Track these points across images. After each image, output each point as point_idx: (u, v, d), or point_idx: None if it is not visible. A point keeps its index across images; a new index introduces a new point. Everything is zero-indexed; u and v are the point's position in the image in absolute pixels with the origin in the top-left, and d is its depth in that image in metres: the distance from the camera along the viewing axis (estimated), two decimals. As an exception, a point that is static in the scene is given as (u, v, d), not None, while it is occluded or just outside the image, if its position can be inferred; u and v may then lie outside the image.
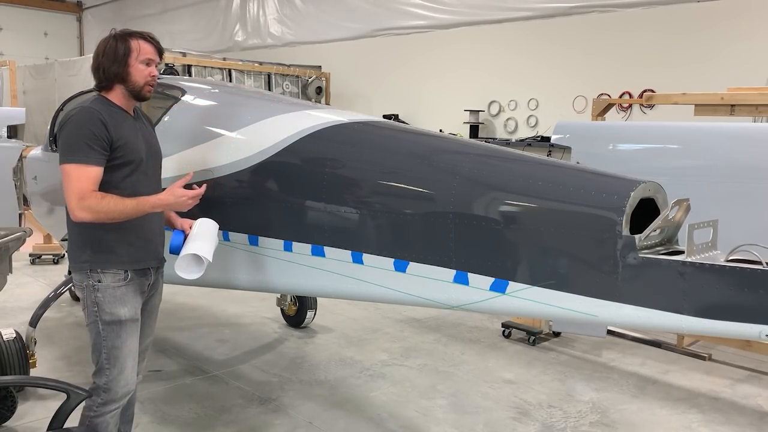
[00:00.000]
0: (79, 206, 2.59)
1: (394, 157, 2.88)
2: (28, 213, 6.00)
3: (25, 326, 4.30)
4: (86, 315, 2.80)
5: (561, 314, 2.44)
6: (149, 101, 5.65)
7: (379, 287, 2.85)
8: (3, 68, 9.97)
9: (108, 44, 2.78)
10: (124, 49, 2.74)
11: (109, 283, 2.75)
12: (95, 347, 2.80)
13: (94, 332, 2.78)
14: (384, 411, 4.19)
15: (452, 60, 10.03)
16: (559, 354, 5.29)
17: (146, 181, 2.84)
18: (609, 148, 4.65)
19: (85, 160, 2.61)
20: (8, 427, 3.81)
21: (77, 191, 2.59)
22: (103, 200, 2.61)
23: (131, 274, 2.80)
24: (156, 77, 2.84)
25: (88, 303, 2.77)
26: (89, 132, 2.62)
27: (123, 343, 2.78)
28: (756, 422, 4.17)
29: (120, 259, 2.77)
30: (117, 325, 2.76)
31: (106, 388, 2.79)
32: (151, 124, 3.07)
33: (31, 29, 17.66)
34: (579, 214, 2.36)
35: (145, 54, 2.77)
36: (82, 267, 2.78)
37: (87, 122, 2.64)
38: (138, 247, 2.81)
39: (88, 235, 2.74)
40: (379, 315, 6.22)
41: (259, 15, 13.32)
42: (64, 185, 2.64)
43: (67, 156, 2.63)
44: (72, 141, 2.63)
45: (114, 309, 2.76)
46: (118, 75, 2.75)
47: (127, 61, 2.74)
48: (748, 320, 2.08)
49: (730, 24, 7.28)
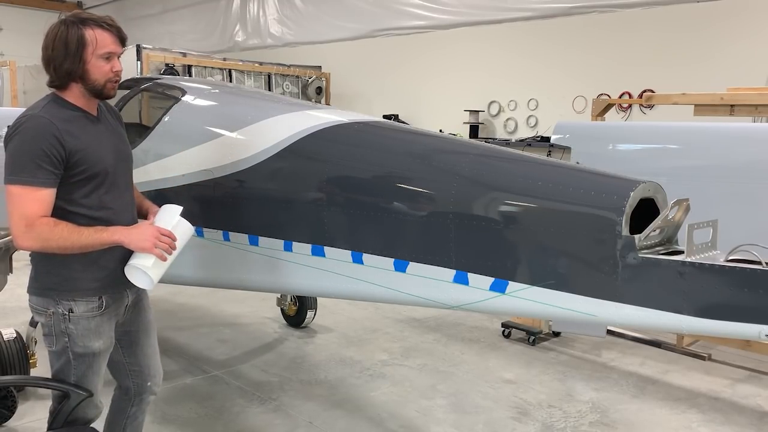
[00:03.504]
0: (26, 234, 2.26)
1: (394, 158, 2.88)
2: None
3: (25, 326, 4.30)
4: (52, 341, 2.50)
5: (561, 314, 2.44)
6: (149, 101, 5.65)
7: (379, 287, 2.85)
8: (3, 68, 9.97)
9: (58, 33, 2.34)
10: (78, 41, 2.31)
11: (81, 313, 2.45)
12: (62, 373, 2.54)
13: (63, 359, 2.51)
14: (384, 411, 4.19)
15: (452, 60, 10.04)
16: (559, 354, 5.29)
17: (116, 193, 2.50)
18: (609, 148, 4.65)
19: (32, 181, 2.25)
20: (8, 427, 3.81)
21: (23, 217, 2.25)
22: (55, 228, 2.27)
23: (106, 300, 2.51)
24: (120, 72, 2.42)
25: (55, 331, 2.47)
26: (37, 148, 2.25)
27: (94, 372, 2.56)
28: (756, 422, 4.17)
29: (92, 284, 2.46)
30: (90, 358, 2.52)
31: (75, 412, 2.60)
32: (120, 120, 2.71)
33: (31, 29, 17.57)
34: (579, 214, 2.36)
35: (104, 47, 2.35)
36: (46, 293, 2.45)
37: (36, 136, 2.26)
38: (111, 270, 2.49)
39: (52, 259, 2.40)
40: (379, 315, 6.22)
41: (259, 15, 13.31)
42: (8, 208, 2.28)
43: (11, 175, 2.26)
44: (17, 158, 2.26)
45: (87, 342, 2.48)
46: (72, 72, 2.34)
47: (81, 56, 2.32)
48: (748, 320, 2.07)
49: (729, 24, 7.28)
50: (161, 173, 3.62)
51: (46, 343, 2.57)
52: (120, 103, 4.33)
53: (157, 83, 4.26)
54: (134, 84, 4.55)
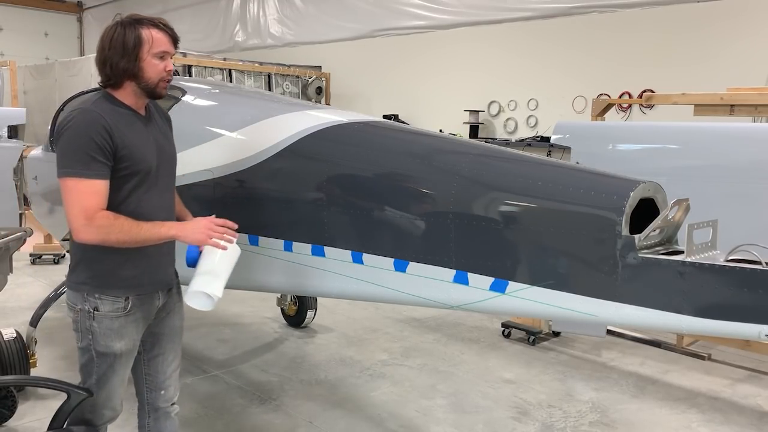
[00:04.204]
0: (86, 227, 2.28)
1: (394, 158, 2.88)
2: (28, 213, 6.00)
3: (25, 326, 4.30)
4: (78, 337, 2.54)
5: (561, 314, 2.44)
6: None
7: (379, 287, 2.85)
8: (3, 68, 9.97)
9: (115, 34, 2.39)
10: (135, 40, 2.37)
11: (106, 312, 2.47)
12: (85, 369, 2.58)
13: (86, 356, 2.55)
14: (384, 411, 4.19)
15: (452, 60, 10.04)
16: (559, 354, 5.29)
17: (156, 193, 2.51)
18: (609, 148, 4.65)
19: (87, 173, 2.30)
20: (8, 427, 3.81)
21: (82, 210, 2.28)
22: (116, 222, 2.31)
23: (133, 302, 2.51)
24: (171, 71, 2.48)
25: (81, 328, 2.51)
26: (89, 140, 2.29)
27: (115, 373, 2.57)
28: (756, 422, 4.18)
29: (121, 283, 2.47)
30: (111, 358, 2.53)
31: (91, 410, 2.62)
32: (168, 122, 2.75)
33: (31, 29, 17.65)
34: (578, 214, 2.36)
35: (159, 46, 2.41)
36: (79, 288, 2.50)
37: (87, 128, 2.31)
38: (143, 269, 2.51)
39: (89, 253, 2.45)
40: (379, 315, 6.22)
41: (260, 15, 13.32)
42: (64, 202, 2.33)
43: (65, 168, 2.33)
44: (71, 150, 2.32)
45: (109, 342, 2.50)
46: (128, 71, 2.39)
47: (138, 54, 2.38)
48: (748, 320, 2.08)
49: (729, 24, 7.28)
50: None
51: (75, 337, 2.59)
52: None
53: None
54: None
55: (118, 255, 2.42)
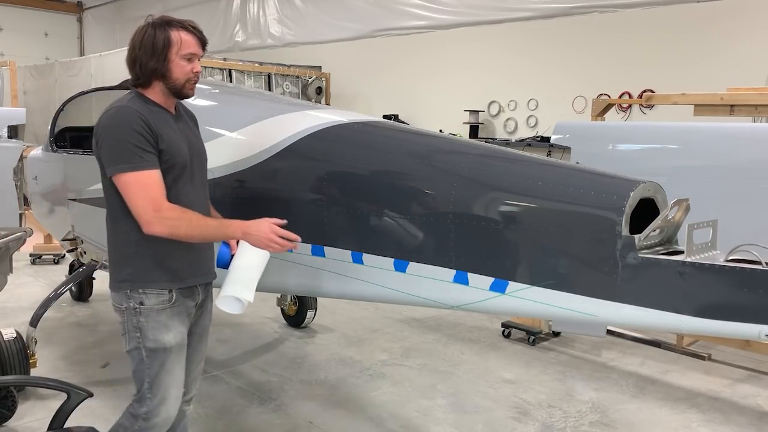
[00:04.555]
0: (156, 219, 2.31)
1: (394, 158, 2.88)
2: (28, 213, 6.00)
3: (25, 326, 4.31)
4: (126, 340, 2.54)
5: (561, 314, 2.44)
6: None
7: (379, 287, 2.85)
8: (3, 68, 9.97)
9: (145, 35, 2.45)
10: (164, 41, 2.43)
11: (152, 306, 2.47)
12: (137, 374, 2.56)
13: (137, 359, 2.52)
14: (384, 411, 4.19)
15: (452, 60, 10.04)
16: (559, 354, 5.30)
17: (192, 188, 2.56)
18: (609, 148, 4.65)
19: (144, 165, 2.33)
20: (8, 427, 3.81)
21: (150, 201, 2.31)
22: (184, 215, 2.35)
23: (176, 295, 2.52)
24: (199, 73, 2.55)
25: (128, 328, 2.50)
26: (135, 134, 2.35)
27: (167, 372, 2.54)
28: (756, 422, 4.18)
29: (163, 276, 2.49)
30: (162, 353, 2.51)
31: (146, 418, 2.55)
32: (195, 123, 2.81)
33: (31, 29, 17.65)
34: (578, 214, 2.36)
35: (187, 48, 2.46)
36: (120, 286, 2.50)
37: (130, 122, 2.36)
38: (185, 262, 2.53)
39: (128, 249, 2.47)
40: (379, 315, 6.22)
41: (259, 15, 13.31)
42: (127, 198, 2.35)
43: (120, 164, 2.33)
44: (120, 146, 2.34)
45: (158, 335, 2.49)
46: (156, 71, 2.45)
47: (166, 55, 2.43)
48: (748, 320, 2.08)
49: (729, 24, 7.28)
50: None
51: (122, 343, 2.57)
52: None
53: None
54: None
55: (159, 249, 2.45)
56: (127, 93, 2.56)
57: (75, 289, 6.37)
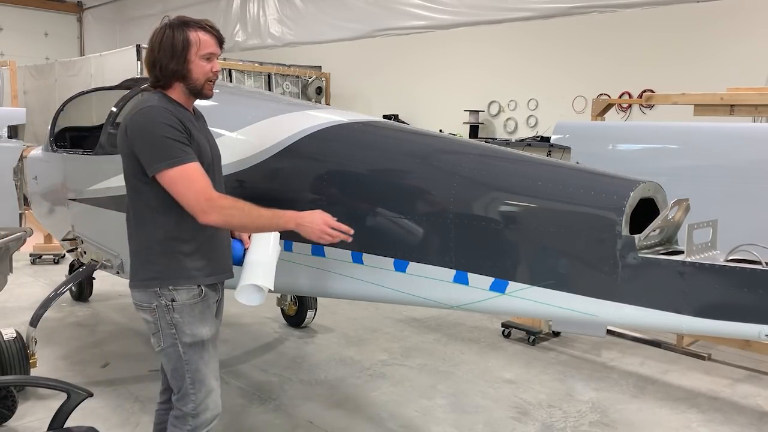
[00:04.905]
0: (211, 207, 2.33)
1: (395, 158, 2.88)
2: (28, 213, 6.00)
3: (25, 326, 4.30)
4: (160, 339, 2.52)
5: (561, 314, 2.44)
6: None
7: (379, 287, 2.85)
8: (3, 68, 9.97)
9: (164, 36, 2.46)
10: (183, 42, 2.44)
11: (184, 301, 2.48)
12: (176, 372, 2.55)
13: (174, 356, 2.52)
14: (384, 411, 4.19)
15: (452, 60, 10.04)
16: (559, 354, 5.29)
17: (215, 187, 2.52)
18: (609, 148, 4.65)
19: (187, 158, 2.35)
20: (8, 427, 3.81)
21: (201, 192, 2.34)
22: (237, 203, 2.37)
23: (205, 290, 2.54)
24: (217, 72, 2.56)
25: (162, 326, 2.49)
26: (172, 130, 2.37)
27: (207, 364, 2.56)
28: (756, 422, 4.18)
29: (192, 272, 2.50)
30: (200, 346, 2.53)
31: (195, 414, 2.56)
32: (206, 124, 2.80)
33: (31, 29, 17.66)
34: (579, 214, 2.36)
35: (206, 48, 2.48)
36: (148, 284, 2.49)
37: (164, 120, 2.38)
38: (210, 258, 2.55)
39: (156, 248, 2.48)
40: (379, 315, 6.22)
41: (259, 15, 13.32)
42: (176, 192, 2.36)
43: (164, 161, 2.34)
44: (161, 143, 2.35)
45: (195, 329, 2.51)
46: (177, 72, 2.46)
47: (186, 56, 2.45)
48: (748, 320, 2.08)
49: (729, 24, 7.29)
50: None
51: (154, 343, 2.56)
52: (120, 103, 4.34)
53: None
54: (134, 84, 4.55)
55: (186, 247, 2.48)
56: (149, 94, 2.56)
57: (75, 289, 6.37)
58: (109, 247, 4.31)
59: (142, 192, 2.47)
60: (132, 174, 2.48)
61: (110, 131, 4.30)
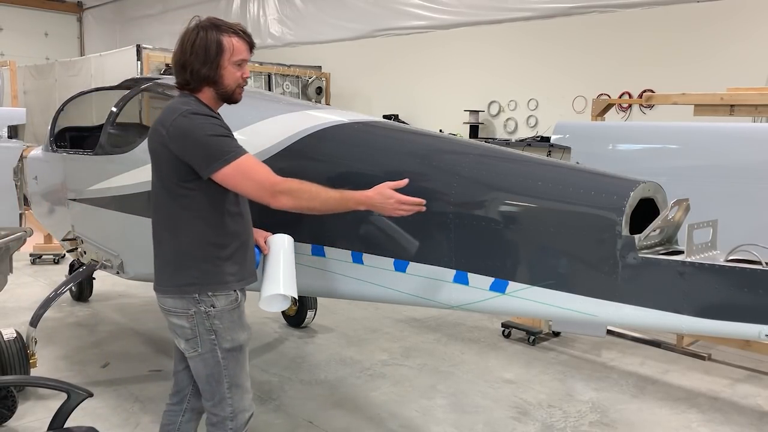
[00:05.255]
0: (280, 190, 2.32)
1: (395, 157, 2.88)
2: (28, 213, 6.00)
3: (25, 326, 4.30)
4: (197, 344, 2.49)
5: (561, 314, 2.44)
6: (149, 101, 5.68)
7: (379, 287, 2.85)
8: (3, 68, 9.98)
9: (197, 39, 2.40)
10: (217, 48, 2.39)
11: (223, 307, 2.47)
12: (213, 377, 2.52)
13: (212, 362, 2.50)
14: (384, 411, 4.19)
15: (452, 60, 10.04)
16: (559, 354, 5.29)
17: None
18: (609, 148, 4.65)
19: (239, 151, 2.33)
20: (8, 427, 3.81)
21: (264, 179, 2.33)
22: (303, 185, 2.35)
23: (239, 295, 2.54)
24: (247, 78, 2.53)
25: (200, 331, 2.47)
26: (220, 126, 2.37)
27: (243, 368, 2.56)
28: (756, 422, 4.18)
29: (230, 278, 2.48)
30: (238, 352, 2.53)
31: (233, 417, 2.55)
32: None
33: (31, 29, 17.66)
34: (579, 214, 2.36)
35: (239, 54, 2.45)
36: (186, 290, 2.45)
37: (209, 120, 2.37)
38: (242, 264, 2.54)
39: (195, 253, 2.44)
40: (379, 315, 6.22)
41: (259, 15, 13.32)
42: (242, 185, 2.35)
43: (220, 158, 2.31)
44: (213, 142, 2.32)
45: (235, 335, 2.51)
46: (208, 78, 2.42)
47: (219, 62, 2.41)
48: (748, 320, 2.08)
49: (729, 24, 7.28)
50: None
51: (188, 348, 2.53)
52: (120, 103, 4.34)
53: (157, 83, 4.26)
54: (134, 84, 4.56)
55: (223, 252, 2.46)
56: (182, 97, 2.50)
57: (75, 289, 6.37)
58: (109, 247, 4.31)
59: (183, 196, 2.43)
60: (173, 179, 2.42)
61: (110, 131, 4.31)
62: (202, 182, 2.40)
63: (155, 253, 2.55)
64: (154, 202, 2.55)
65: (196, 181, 2.40)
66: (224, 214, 2.47)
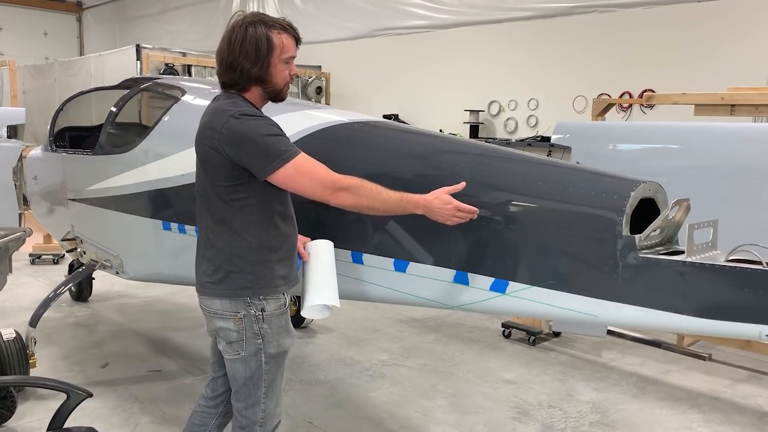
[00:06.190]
0: (339, 187, 2.28)
1: (394, 157, 2.88)
2: (28, 213, 6.00)
3: (25, 326, 4.30)
4: (242, 347, 2.45)
5: (561, 314, 2.44)
6: (149, 101, 5.68)
7: (379, 287, 2.85)
8: (3, 68, 9.96)
9: (247, 37, 2.32)
10: (267, 46, 2.32)
11: (273, 311, 2.44)
12: (252, 380, 2.47)
13: (254, 366, 2.45)
14: (384, 411, 4.19)
15: (452, 60, 10.03)
16: (559, 354, 5.29)
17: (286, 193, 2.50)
18: (609, 148, 4.65)
19: (295, 150, 2.30)
20: (8, 427, 3.81)
21: (323, 177, 2.30)
22: (364, 184, 2.30)
23: (286, 298, 2.51)
24: (294, 75, 2.47)
25: (248, 335, 2.42)
26: (274, 127, 2.32)
27: (281, 374, 2.54)
28: (756, 422, 4.17)
29: (280, 282, 2.46)
30: (281, 357, 2.50)
31: (262, 423, 2.53)
32: None
33: (31, 29, 17.66)
34: (579, 214, 2.36)
35: (288, 52, 2.38)
36: (237, 293, 2.40)
37: (264, 121, 2.33)
38: (290, 267, 2.51)
39: (249, 256, 2.40)
40: (379, 315, 6.22)
41: (259, 15, 13.31)
42: (301, 184, 2.31)
43: (277, 159, 2.27)
44: (269, 143, 2.28)
45: (281, 340, 2.48)
46: (258, 77, 2.36)
47: (269, 61, 2.34)
48: (748, 320, 2.07)
49: (729, 23, 7.28)
50: (161, 173, 3.62)
51: (229, 350, 2.48)
52: (119, 103, 4.34)
53: (157, 83, 4.26)
54: (134, 84, 4.56)
55: (273, 255, 2.43)
56: (230, 98, 2.41)
57: (74, 289, 6.37)
58: (108, 247, 4.31)
59: (235, 200, 2.38)
60: (225, 182, 2.37)
61: (110, 131, 4.30)
62: (255, 184, 2.35)
63: (203, 256, 2.49)
64: (202, 205, 2.48)
65: (249, 183, 2.35)
66: (275, 216, 2.44)
